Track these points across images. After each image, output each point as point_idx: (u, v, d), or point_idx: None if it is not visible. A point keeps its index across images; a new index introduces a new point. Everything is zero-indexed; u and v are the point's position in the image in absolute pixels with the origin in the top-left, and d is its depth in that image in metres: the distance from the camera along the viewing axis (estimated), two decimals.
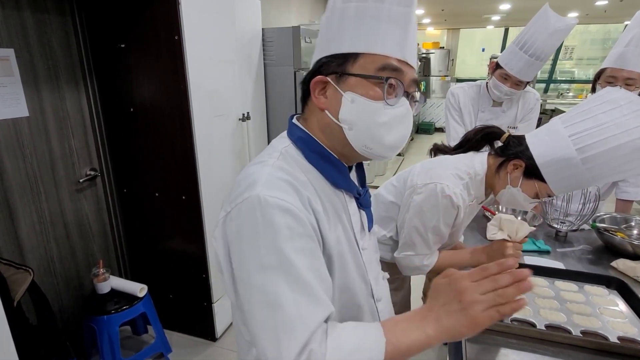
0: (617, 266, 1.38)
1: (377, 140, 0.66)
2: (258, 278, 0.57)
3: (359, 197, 0.75)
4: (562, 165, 0.99)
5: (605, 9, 6.26)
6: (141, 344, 2.19)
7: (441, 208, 1.13)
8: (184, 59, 1.76)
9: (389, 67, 0.64)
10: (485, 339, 1.02)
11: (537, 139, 1.07)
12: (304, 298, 0.56)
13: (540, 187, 1.06)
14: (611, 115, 0.95)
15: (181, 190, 1.99)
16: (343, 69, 0.65)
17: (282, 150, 0.68)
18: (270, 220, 0.57)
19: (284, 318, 0.55)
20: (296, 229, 0.58)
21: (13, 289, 1.35)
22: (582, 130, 0.97)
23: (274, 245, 0.56)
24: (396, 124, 0.66)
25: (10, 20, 1.58)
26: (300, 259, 0.57)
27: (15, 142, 1.65)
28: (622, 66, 1.63)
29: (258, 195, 0.58)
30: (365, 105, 0.64)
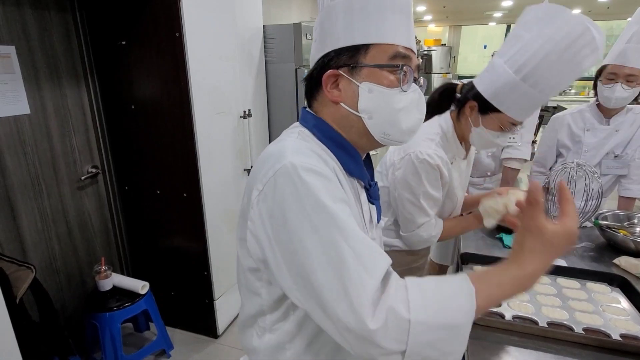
0: (620, 263, 1.37)
1: (396, 126, 0.69)
2: (314, 240, 0.54)
3: (369, 189, 0.76)
4: (507, 90, 1.04)
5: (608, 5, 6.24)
6: (143, 341, 2.20)
7: (422, 173, 1.18)
8: (185, 56, 1.76)
9: (399, 55, 0.66)
10: (487, 336, 1.02)
11: (481, 77, 1.13)
12: (364, 249, 0.54)
13: (500, 118, 1.11)
14: (532, 30, 1.00)
15: (182, 187, 1.99)
16: (355, 60, 0.66)
17: (299, 132, 0.70)
18: (308, 182, 0.56)
19: (350, 273, 0.52)
20: (335, 191, 0.59)
21: (15, 286, 1.35)
22: (513, 53, 1.02)
23: (320, 205, 0.55)
24: (412, 108, 0.69)
25: (11, 17, 1.58)
26: (348, 217, 0.57)
27: (16, 139, 1.65)
28: (623, 63, 1.63)
29: (291, 161, 0.58)
30: (383, 93, 0.66)
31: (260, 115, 2.63)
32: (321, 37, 0.70)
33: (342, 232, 0.54)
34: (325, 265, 0.53)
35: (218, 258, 2.12)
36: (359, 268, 0.53)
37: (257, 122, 2.56)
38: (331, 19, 0.68)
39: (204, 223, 2.01)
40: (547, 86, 1.02)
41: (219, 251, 2.13)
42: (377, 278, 0.53)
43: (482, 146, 1.24)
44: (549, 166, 1.99)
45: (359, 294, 0.51)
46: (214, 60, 1.98)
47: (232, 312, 2.37)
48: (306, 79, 0.74)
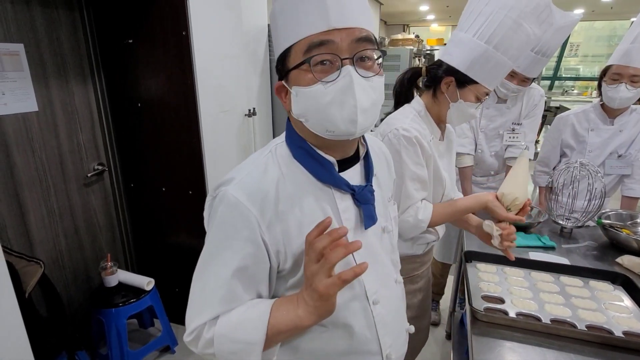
0: (623, 262, 1.39)
1: (332, 121, 0.63)
2: (202, 255, 0.71)
3: (354, 192, 0.71)
4: (483, 61, 1.09)
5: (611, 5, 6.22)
6: (148, 336, 2.21)
7: (402, 150, 1.15)
8: (191, 54, 1.77)
9: (313, 45, 0.61)
10: (491, 333, 1.04)
11: (450, 54, 1.17)
12: (217, 293, 0.67)
13: (476, 89, 1.14)
14: (492, 4, 1.07)
15: (188, 185, 2.00)
16: (284, 68, 0.66)
17: (272, 148, 0.72)
18: (222, 217, 0.66)
19: (199, 297, 0.70)
20: (241, 232, 0.65)
21: (25, 281, 1.38)
22: (479, 27, 1.09)
23: (218, 240, 0.68)
24: (342, 97, 0.62)
25: (20, 15, 1.59)
26: (233, 259, 0.66)
27: (25, 136, 1.67)
28: (628, 63, 1.63)
29: (226, 191, 0.66)
30: (305, 93, 0.64)
31: (265, 114, 2.64)
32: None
33: (215, 268, 0.68)
34: (197, 276, 0.71)
35: None
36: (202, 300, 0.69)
37: (261, 120, 2.57)
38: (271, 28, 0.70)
39: None
40: (516, 51, 1.09)
41: None
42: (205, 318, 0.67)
43: (460, 120, 1.24)
44: (553, 166, 1.99)
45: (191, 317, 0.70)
46: (219, 59, 1.99)
47: None
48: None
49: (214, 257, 0.68)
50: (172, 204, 2.08)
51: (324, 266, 0.57)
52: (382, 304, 0.77)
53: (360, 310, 0.74)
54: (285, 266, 0.69)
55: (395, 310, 0.82)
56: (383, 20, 8.25)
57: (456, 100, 1.16)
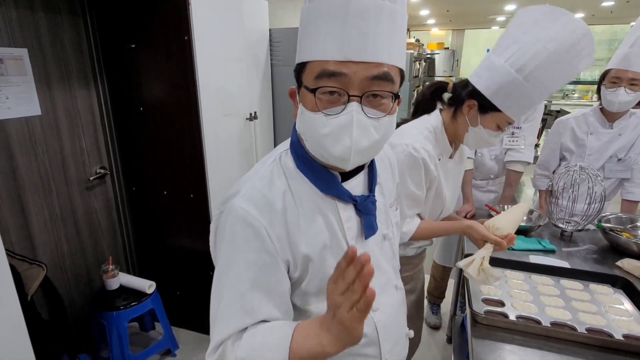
0: (623, 265, 1.39)
1: (326, 151, 0.62)
2: (216, 273, 0.68)
3: (356, 203, 0.71)
4: (510, 89, 1.05)
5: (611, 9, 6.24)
6: (149, 340, 2.22)
7: (406, 169, 1.14)
8: (193, 58, 1.78)
9: (324, 73, 0.58)
10: (491, 336, 1.04)
11: (478, 76, 1.12)
12: (235, 308, 0.65)
13: (498, 117, 1.11)
14: (530, 32, 1.01)
15: (189, 188, 2.01)
16: (300, 79, 0.64)
17: (277, 157, 0.71)
18: (232, 230, 0.65)
19: (218, 313, 0.66)
20: (253, 243, 0.64)
21: (27, 284, 1.38)
22: (512, 54, 1.03)
23: (230, 254, 0.66)
24: (339, 135, 0.59)
25: (24, 20, 1.61)
26: (247, 271, 0.65)
27: (28, 140, 1.68)
28: (627, 67, 1.64)
29: (233, 205, 0.65)
30: (308, 117, 0.62)
31: (266, 117, 2.66)
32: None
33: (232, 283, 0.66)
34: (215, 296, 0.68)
35: None
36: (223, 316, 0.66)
37: (262, 124, 2.58)
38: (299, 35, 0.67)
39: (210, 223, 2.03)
40: (546, 85, 1.04)
41: None
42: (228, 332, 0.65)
43: (477, 145, 1.23)
44: (553, 169, 2.00)
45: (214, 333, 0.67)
46: (221, 63, 2.01)
47: None
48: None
49: (229, 271, 0.66)
50: (173, 207, 2.09)
51: (350, 299, 0.51)
52: (382, 310, 0.78)
53: None
54: (294, 275, 0.70)
55: (394, 315, 0.83)
56: None
57: (476, 125, 1.13)
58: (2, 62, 1.55)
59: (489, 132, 1.14)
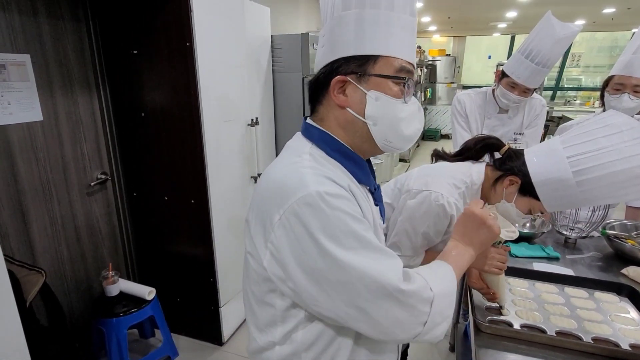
0: (628, 273, 1.37)
1: (397, 134, 0.73)
2: (348, 260, 0.61)
3: (374, 192, 0.79)
4: (558, 186, 1.00)
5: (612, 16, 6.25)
6: (148, 347, 2.20)
7: (433, 216, 1.14)
8: (195, 65, 1.79)
9: (405, 69, 0.71)
10: (495, 345, 1.02)
11: (535, 157, 1.07)
12: (387, 259, 0.64)
13: (534, 204, 1.08)
14: (611, 140, 0.95)
15: (190, 194, 2.01)
16: (364, 69, 0.70)
17: (310, 151, 0.71)
18: (339, 208, 0.62)
19: (379, 273, 0.62)
20: (358, 211, 0.66)
21: (26, 290, 1.37)
22: (581, 152, 0.97)
23: (349, 229, 0.62)
24: (412, 118, 0.74)
25: (26, 26, 1.62)
26: (370, 234, 0.65)
27: (29, 145, 1.68)
28: (630, 73, 1.63)
29: (317, 190, 0.61)
30: (388, 102, 0.71)
31: (268, 123, 2.66)
32: (330, 44, 0.73)
33: (370, 251, 0.63)
34: (362, 277, 0.61)
35: (224, 265, 2.13)
36: (384, 269, 0.63)
37: (264, 130, 2.58)
38: (342, 27, 0.71)
39: (211, 230, 2.02)
40: (595, 197, 0.98)
41: (226, 258, 2.14)
42: (400, 274, 0.64)
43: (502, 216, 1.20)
44: None
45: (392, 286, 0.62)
46: (223, 69, 2.01)
47: (238, 319, 2.37)
48: (311, 83, 0.76)
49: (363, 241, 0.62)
50: (174, 213, 2.08)
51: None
52: None
53: None
54: None
55: None
56: None
57: (510, 201, 1.10)
58: (4, 67, 1.55)
59: (518, 213, 1.11)
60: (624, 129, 0.95)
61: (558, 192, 1.01)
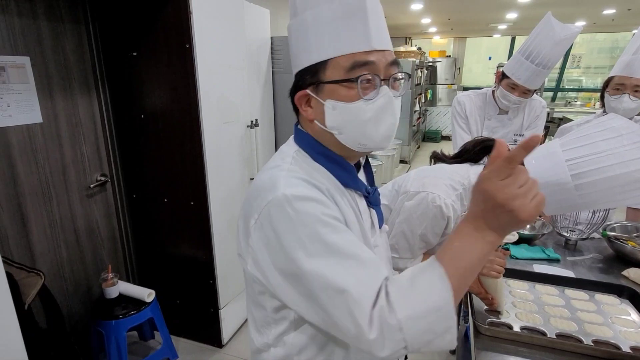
0: (629, 275, 1.36)
1: (368, 137, 0.67)
2: (312, 267, 0.57)
3: (368, 196, 0.76)
4: (556, 190, 0.98)
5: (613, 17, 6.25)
6: (148, 349, 2.19)
7: (430, 217, 1.14)
8: (194, 66, 1.79)
9: (357, 64, 0.64)
10: (495, 348, 1.01)
11: (534, 159, 1.06)
12: (359, 270, 0.57)
13: None
14: (610, 143, 0.94)
15: (190, 196, 2.00)
16: (317, 79, 0.66)
17: (294, 155, 0.71)
18: (303, 211, 0.59)
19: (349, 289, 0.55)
20: (328, 213, 0.61)
21: (24, 293, 1.37)
22: (580, 156, 0.96)
23: (314, 234, 0.58)
24: (381, 115, 0.66)
25: (26, 28, 1.62)
26: (341, 236, 0.59)
27: (28, 147, 1.68)
28: (631, 74, 1.63)
29: (283, 193, 0.60)
30: (345, 108, 0.65)
31: (267, 125, 2.66)
32: (292, 58, 0.72)
33: (338, 258, 0.57)
34: (326, 288, 0.56)
35: (224, 267, 2.13)
36: (357, 287, 0.55)
37: (263, 131, 2.58)
38: (291, 40, 0.70)
39: (211, 231, 2.02)
40: (593, 201, 0.98)
41: (225, 260, 2.13)
42: (371, 295, 0.55)
43: None
44: None
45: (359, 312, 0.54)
46: (222, 71, 2.01)
47: (237, 322, 2.36)
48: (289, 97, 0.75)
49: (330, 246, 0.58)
50: (174, 215, 2.08)
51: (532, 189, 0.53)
52: None
53: None
54: None
55: None
56: None
57: None
58: (4, 70, 1.55)
59: None
60: (624, 132, 0.94)
61: (556, 195, 1.00)
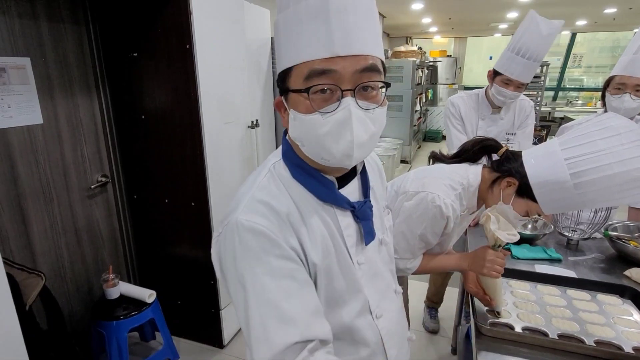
0: (631, 275, 1.36)
1: (328, 151, 0.61)
2: (237, 294, 0.61)
3: (354, 209, 0.71)
4: (555, 188, 0.99)
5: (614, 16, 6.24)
6: (149, 350, 2.19)
7: (429, 217, 1.14)
8: (194, 67, 1.79)
9: (313, 73, 0.57)
10: (496, 348, 1.01)
11: (533, 158, 1.07)
12: (271, 321, 0.58)
13: (531, 206, 1.07)
14: (609, 142, 0.94)
15: (190, 196, 2.00)
16: (285, 86, 0.63)
17: (271, 167, 0.69)
18: (245, 243, 0.60)
19: (253, 335, 0.59)
20: (271, 251, 0.60)
21: (25, 294, 1.37)
22: (579, 154, 0.96)
23: (248, 268, 0.60)
24: (339, 131, 0.59)
25: (26, 29, 1.62)
26: (275, 281, 0.59)
27: (29, 148, 1.68)
28: (632, 73, 1.62)
29: (237, 219, 0.61)
30: (303, 120, 0.60)
31: (268, 125, 2.66)
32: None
33: (257, 299, 0.59)
34: (241, 317, 0.61)
35: None
36: (259, 336, 0.58)
37: (264, 132, 2.58)
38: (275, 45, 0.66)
39: (211, 232, 2.02)
40: (592, 200, 0.97)
41: None
42: (273, 350, 0.57)
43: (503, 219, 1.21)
44: None
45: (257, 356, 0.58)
46: (223, 71, 2.01)
47: (238, 323, 2.36)
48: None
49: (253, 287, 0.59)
50: (174, 216, 2.08)
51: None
52: (385, 316, 0.77)
53: (366, 325, 0.73)
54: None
55: (397, 321, 0.82)
56: (386, 32, 8.32)
57: (507, 203, 1.10)
58: (4, 71, 1.55)
59: (515, 215, 1.10)
60: (622, 131, 0.94)
61: (555, 194, 1.00)
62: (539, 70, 5.80)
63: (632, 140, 0.92)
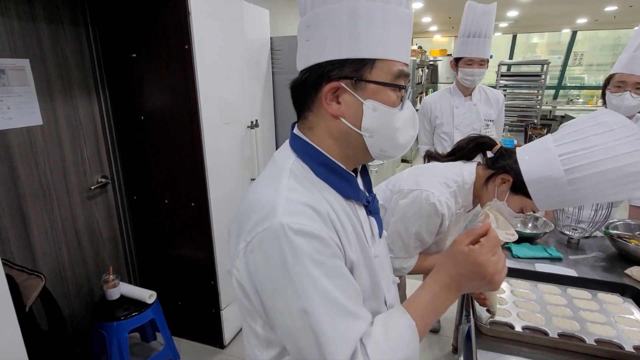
0: (632, 274, 1.35)
1: (392, 144, 0.68)
2: (297, 305, 0.57)
3: (367, 205, 0.74)
4: (549, 185, 0.99)
5: (614, 14, 6.23)
6: (150, 350, 2.19)
7: (424, 215, 1.14)
8: (194, 67, 1.79)
9: (403, 73, 0.65)
10: (497, 348, 1.01)
11: (527, 155, 1.06)
12: (341, 319, 0.58)
13: (526, 202, 1.07)
14: (603, 138, 0.94)
15: (190, 197, 2.00)
16: (360, 75, 0.62)
17: (292, 168, 0.66)
18: (298, 248, 0.57)
19: (326, 336, 0.57)
20: (324, 252, 0.59)
21: (25, 295, 1.37)
22: (573, 151, 0.97)
23: (306, 273, 0.57)
24: (407, 126, 0.68)
25: (26, 31, 1.62)
26: (332, 281, 0.59)
27: (29, 150, 1.68)
28: (632, 71, 1.62)
29: (281, 222, 0.57)
30: (386, 113, 0.65)
31: (267, 126, 2.66)
32: (319, 41, 0.63)
33: (324, 302, 0.58)
34: (307, 329, 0.57)
35: (225, 268, 2.12)
36: (335, 337, 0.57)
37: (264, 132, 2.58)
38: (332, 22, 0.61)
39: (211, 232, 2.02)
40: (586, 196, 0.98)
41: (226, 261, 2.11)
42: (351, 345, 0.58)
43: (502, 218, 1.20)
44: None
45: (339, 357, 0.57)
46: (222, 71, 2.01)
47: (239, 323, 2.36)
48: (297, 86, 0.69)
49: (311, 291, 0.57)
50: (174, 216, 2.08)
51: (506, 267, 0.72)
52: (393, 307, 0.79)
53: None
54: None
55: None
56: None
57: (502, 200, 1.10)
58: (4, 72, 1.55)
59: (510, 212, 1.10)
60: (615, 127, 0.94)
61: (549, 190, 1.00)
62: (539, 68, 5.78)
63: (625, 135, 0.93)
